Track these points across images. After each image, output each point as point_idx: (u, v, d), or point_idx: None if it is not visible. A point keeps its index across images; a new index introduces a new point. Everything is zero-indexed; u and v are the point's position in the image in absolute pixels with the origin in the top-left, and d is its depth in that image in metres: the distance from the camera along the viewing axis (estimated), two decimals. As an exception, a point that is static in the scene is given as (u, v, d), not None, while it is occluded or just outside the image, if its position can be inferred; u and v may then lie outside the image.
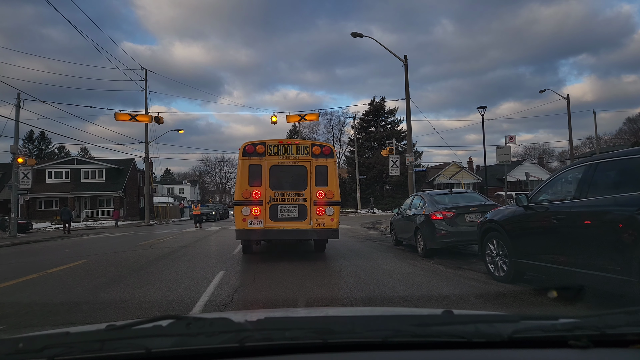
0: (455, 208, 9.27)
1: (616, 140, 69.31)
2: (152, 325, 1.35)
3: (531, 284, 6.33)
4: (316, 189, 9.46)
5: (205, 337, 1.25)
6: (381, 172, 50.31)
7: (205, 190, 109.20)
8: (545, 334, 1.32)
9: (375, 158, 50.11)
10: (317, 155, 9.56)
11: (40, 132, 73.53)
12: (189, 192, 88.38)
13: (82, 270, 9.31)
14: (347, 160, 56.70)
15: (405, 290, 6.38)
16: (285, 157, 9.52)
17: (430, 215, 9.39)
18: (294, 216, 9.41)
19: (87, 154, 75.40)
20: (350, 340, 1.29)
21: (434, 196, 10.27)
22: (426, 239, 9.50)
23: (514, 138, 23.02)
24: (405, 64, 25.04)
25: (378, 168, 49.23)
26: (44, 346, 1.20)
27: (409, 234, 10.77)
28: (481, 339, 1.29)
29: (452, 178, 59.37)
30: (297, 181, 9.51)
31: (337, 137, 74.32)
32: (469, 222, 9.09)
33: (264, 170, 9.45)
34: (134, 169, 50.76)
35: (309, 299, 5.98)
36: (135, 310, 5.53)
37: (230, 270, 8.59)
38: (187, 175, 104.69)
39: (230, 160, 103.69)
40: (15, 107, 24.92)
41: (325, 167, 9.56)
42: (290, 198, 9.42)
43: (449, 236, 9.07)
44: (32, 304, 5.99)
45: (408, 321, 1.47)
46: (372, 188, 50.55)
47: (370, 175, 49.70)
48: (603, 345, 1.29)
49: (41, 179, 46.76)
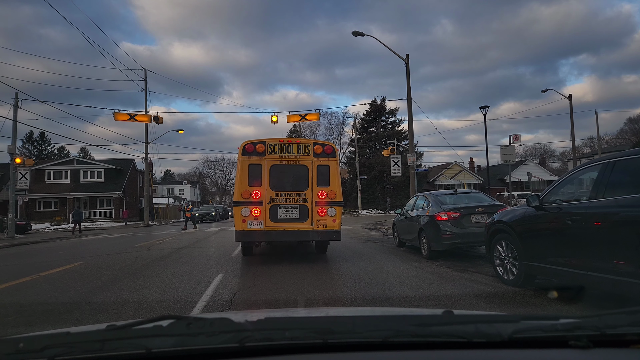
0: (461, 209, 9.01)
1: (617, 140, 68.42)
2: (153, 325, 1.34)
3: (542, 287, 6.07)
4: (318, 189, 9.17)
5: (205, 337, 1.25)
6: (382, 173, 50.07)
7: (206, 190, 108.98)
8: (545, 334, 1.31)
9: (376, 158, 49.86)
10: (318, 155, 9.26)
11: (40, 133, 73.33)
12: (189, 193, 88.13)
13: (77, 273, 9.04)
14: (347, 161, 56.44)
15: (410, 293, 6.12)
16: (286, 157, 9.23)
17: (435, 216, 9.13)
18: (295, 217, 9.12)
19: (87, 154, 75.18)
20: (350, 340, 1.29)
21: (438, 196, 10.01)
22: (431, 241, 9.24)
23: (518, 137, 22.62)
24: (406, 63, 24.80)
25: (379, 168, 48.99)
26: (44, 346, 1.19)
27: (413, 235, 10.51)
28: (481, 339, 1.28)
29: (453, 178, 59.12)
30: (298, 181, 9.22)
31: (337, 137, 74.14)
32: (475, 223, 8.83)
33: (264, 170, 9.15)
34: (133, 170, 50.52)
35: (310, 302, 5.73)
36: (129, 317, 5.27)
37: (229, 273, 8.33)
38: (188, 176, 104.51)
39: (230, 161, 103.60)
40: (13, 107, 24.69)
41: (327, 167, 9.27)
42: (291, 198, 9.12)
43: (455, 238, 8.81)
44: (20, 309, 5.73)
45: (408, 321, 1.46)
46: (372, 188, 50.31)
47: (371, 175, 49.47)
48: (603, 346, 1.28)
49: (40, 179, 46.53)
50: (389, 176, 52.54)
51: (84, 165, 47.97)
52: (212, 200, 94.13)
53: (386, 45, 24.36)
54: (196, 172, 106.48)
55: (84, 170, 47.21)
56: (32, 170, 50.85)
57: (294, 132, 68.90)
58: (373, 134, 52.63)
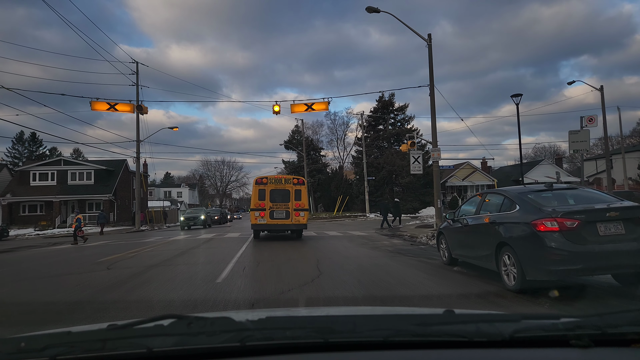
0: (581, 213, 5.61)
1: (630, 140, 66.93)
2: (154, 324, 1.33)
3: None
4: (295, 202, 16.02)
5: (206, 336, 1.25)
6: (391, 173, 46.69)
7: (205, 193, 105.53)
8: (546, 333, 1.32)
9: (385, 158, 46.50)
10: (295, 184, 16.28)
11: (31, 133, 70.09)
12: (187, 196, 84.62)
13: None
14: (354, 161, 52.95)
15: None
16: (279, 185, 16.24)
17: (534, 224, 5.71)
18: (283, 217, 15.94)
19: (80, 156, 71.84)
20: (351, 339, 1.29)
21: (527, 194, 6.57)
22: (526, 264, 5.82)
23: (593, 119, 18.87)
24: (429, 44, 21.56)
25: (388, 168, 45.55)
26: (45, 345, 1.20)
27: (482, 252, 7.10)
28: (482, 339, 1.28)
29: (465, 180, 55.68)
30: (284, 198, 16.05)
31: (341, 138, 70.43)
32: (604, 236, 5.45)
33: (267, 192, 16.06)
34: (126, 171, 47.12)
35: None
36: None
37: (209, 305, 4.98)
38: (188, 179, 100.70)
39: (230, 164, 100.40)
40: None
41: (300, 190, 16.21)
42: (280, 207, 15.98)
43: (572, 260, 5.40)
44: None
45: (409, 320, 1.47)
46: (381, 190, 46.86)
47: (379, 176, 45.95)
48: (604, 345, 1.28)
49: (25, 181, 43.24)
50: (398, 177, 49.10)
51: (72, 166, 44.52)
52: (212, 203, 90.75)
53: (404, 23, 21.13)
54: (195, 174, 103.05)
55: (71, 172, 43.76)
56: (16, 172, 47.75)
57: (296, 132, 65.86)
58: (381, 132, 49.04)
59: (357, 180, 50.07)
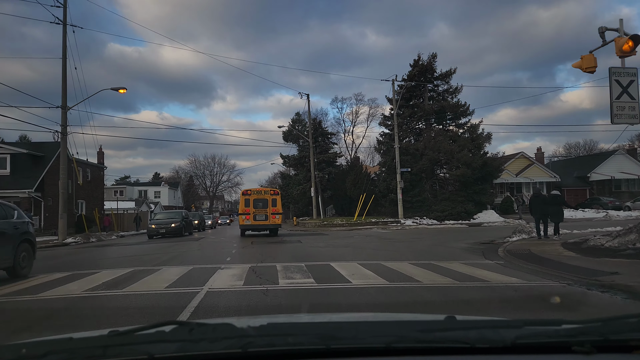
0: None
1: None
2: (155, 330, 1.32)
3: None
4: (271, 208, 22.93)
5: (207, 342, 1.24)
6: (434, 162, 33.77)
7: (194, 195, 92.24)
8: (548, 339, 1.31)
9: (426, 141, 33.66)
10: (272, 194, 23.66)
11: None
12: (167, 197, 71.21)
13: None
14: (380, 147, 39.84)
15: None
16: (260, 195, 23.52)
17: None
18: (263, 219, 22.75)
19: None
20: (353, 345, 1.28)
21: None
22: None
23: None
24: None
25: (430, 156, 32.63)
26: (47, 351, 1.19)
27: None
28: (484, 345, 1.28)
29: (519, 175, 43.01)
30: (264, 205, 22.89)
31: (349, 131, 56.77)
32: None
33: (250, 200, 22.89)
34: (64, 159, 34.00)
35: None
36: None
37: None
38: (172, 179, 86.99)
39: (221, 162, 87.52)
40: None
41: (275, 199, 23.23)
42: (261, 212, 22.76)
43: None
44: None
45: (411, 327, 1.47)
46: (420, 187, 33.95)
47: (417, 167, 33.02)
48: (606, 351, 1.27)
49: None
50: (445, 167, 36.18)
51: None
52: (197, 206, 77.59)
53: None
54: (179, 172, 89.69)
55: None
56: None
57: (297, 121, 53.59)
58: (416, 111, 36.06)
59: (384, 173, 37.11)
